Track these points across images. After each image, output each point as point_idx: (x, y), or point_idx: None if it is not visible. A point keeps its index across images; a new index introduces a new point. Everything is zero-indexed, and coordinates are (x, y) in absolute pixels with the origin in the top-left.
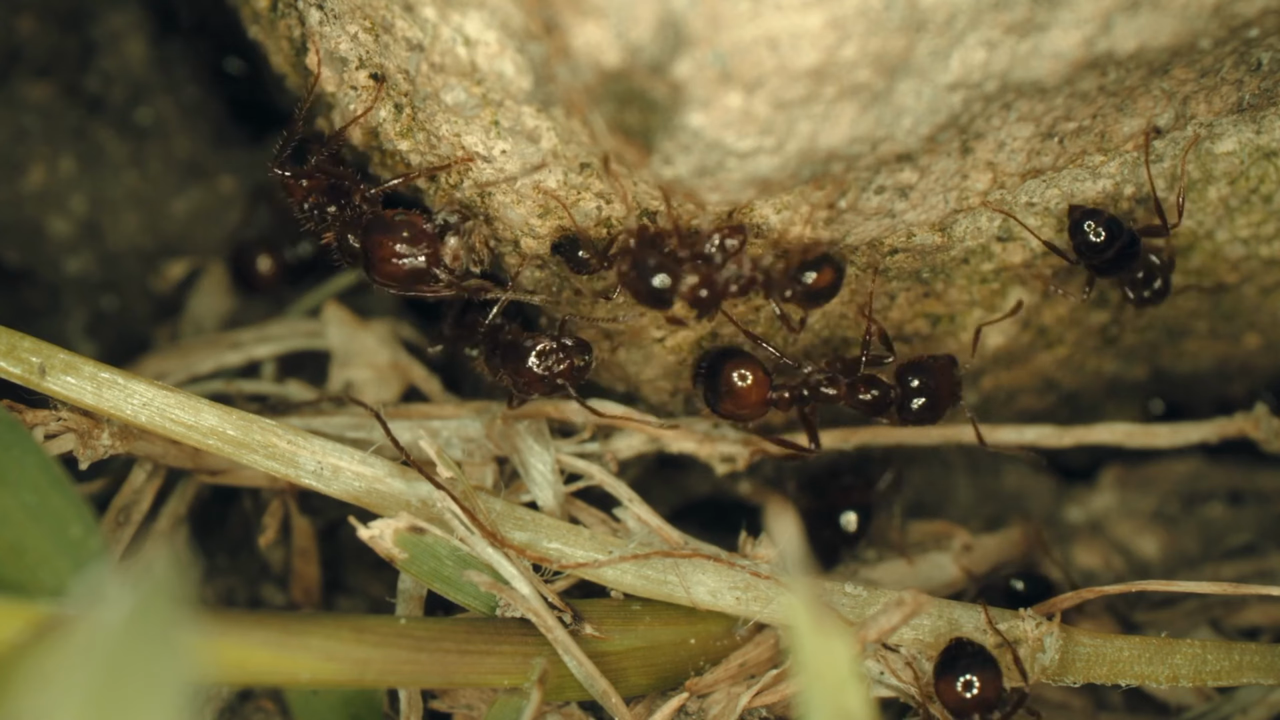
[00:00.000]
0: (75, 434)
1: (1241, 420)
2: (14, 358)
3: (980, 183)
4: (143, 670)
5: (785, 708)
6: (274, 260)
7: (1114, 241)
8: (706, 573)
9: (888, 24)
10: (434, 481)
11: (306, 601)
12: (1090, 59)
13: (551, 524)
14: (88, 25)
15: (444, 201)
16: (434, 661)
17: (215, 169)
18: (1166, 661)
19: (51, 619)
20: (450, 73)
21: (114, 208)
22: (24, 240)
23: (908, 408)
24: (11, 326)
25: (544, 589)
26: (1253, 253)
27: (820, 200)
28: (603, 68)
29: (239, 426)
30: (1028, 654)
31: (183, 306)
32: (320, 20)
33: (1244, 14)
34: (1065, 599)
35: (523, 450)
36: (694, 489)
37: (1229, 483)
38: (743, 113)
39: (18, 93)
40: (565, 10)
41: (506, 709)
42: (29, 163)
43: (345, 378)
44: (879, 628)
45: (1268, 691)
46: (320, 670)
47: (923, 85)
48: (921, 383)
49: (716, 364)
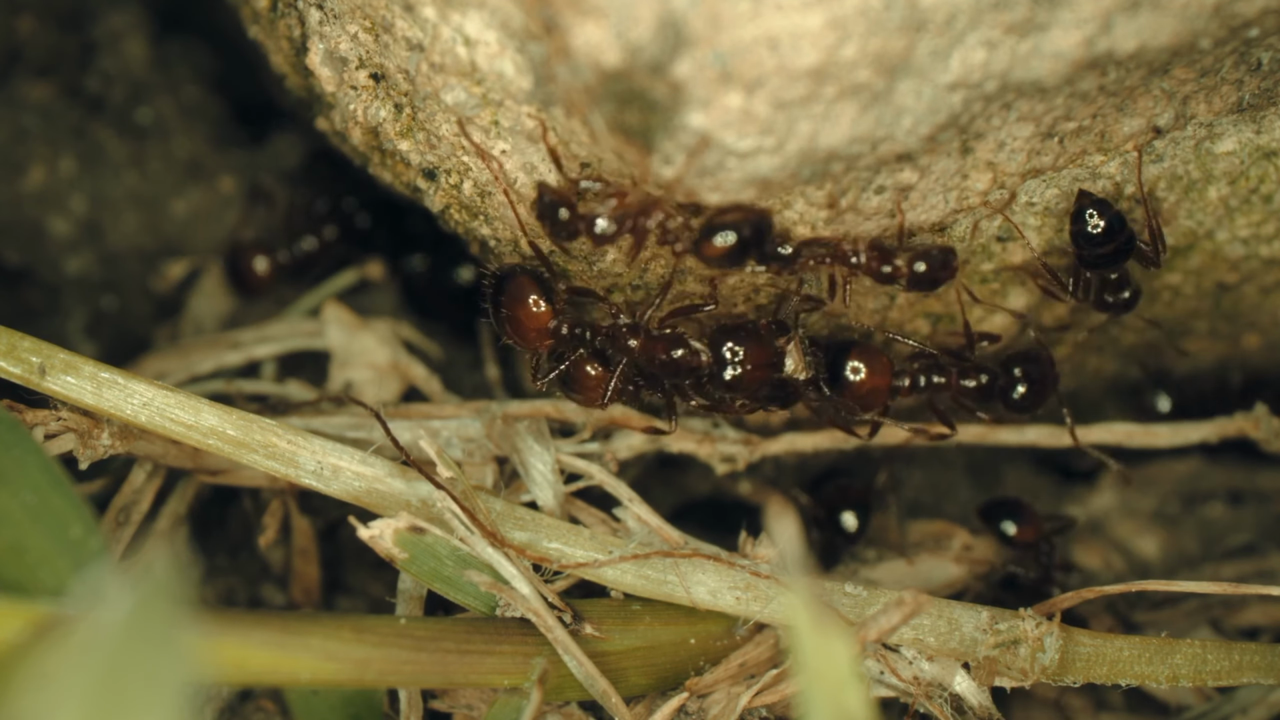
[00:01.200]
0: (75, 434)
1: (1241, 420)
2: (14, 358)
3: (980, 183)
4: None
5: (785, 708)
6: (270, 261)
7: (1112, 238)
8: (706, 573)
9: (888, 24)
10: (434, 481)
11: (306, 601)
12: (1090, 59)
13: (551, 524)
14: (88, 25)
15: (445, 201)
16: (434, 661)
17: (215, 169)
18: (1166, 661)
19: (51, 619)
20: (450, 72)
21: (114, 208)
22: (24, 240)
23: (1010, 396)
24: (11, 326)
25: (544, 589)
26: (1253, 252)
27: (821, 199)
28: (603, 68)
29: (239, 426)
30: (1028, 654)
31: (183, 306)
32: (320, 20)
33: (1244, 14)
34: (1065, 599)
35: (523, 450)
36: (694, 489)
37: (1229, 483)
38: (743, 113)
39: (18, 93)
40: (565, 10)
41: (506, 709)
42: (29, 163)
43: (345, 378)
44: (879, 628)
45: (1268, 691)
46: (320, 670)
47: (923, 85)
48: (1025, 371)
49: (838, 356)
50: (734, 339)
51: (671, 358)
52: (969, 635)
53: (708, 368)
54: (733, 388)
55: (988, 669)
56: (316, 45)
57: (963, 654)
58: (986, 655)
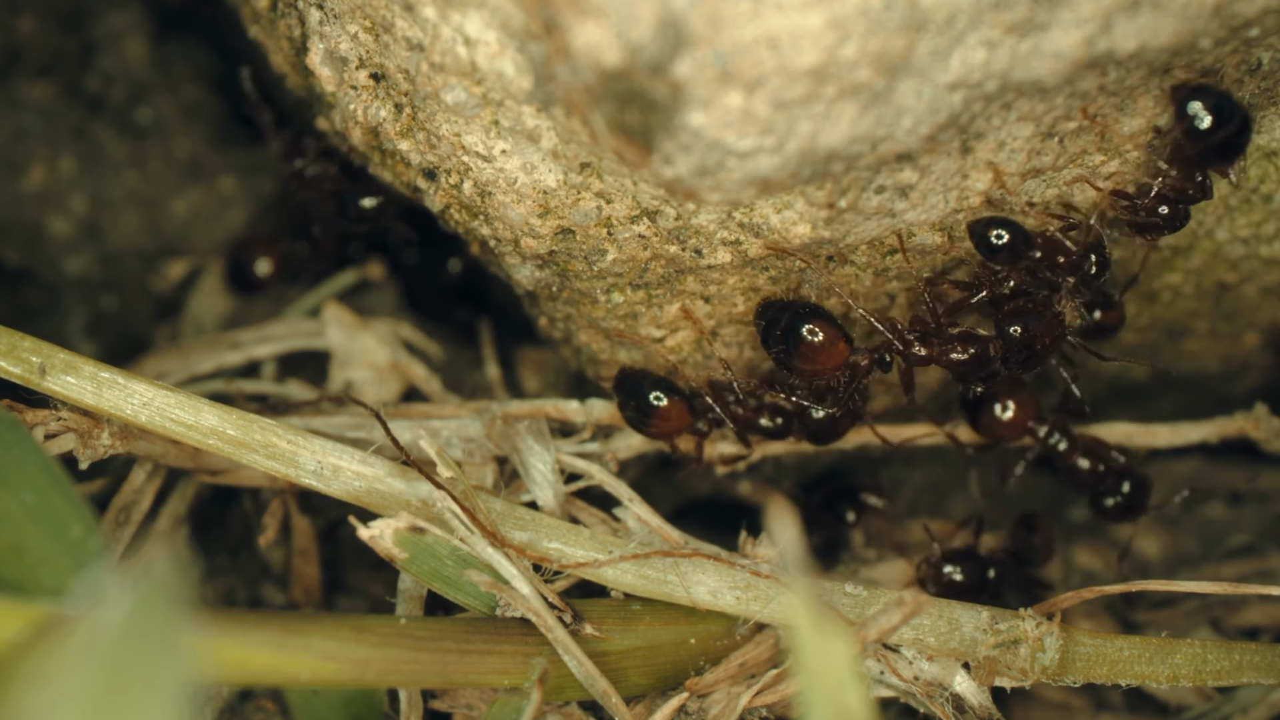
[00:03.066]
0: (75, 434)
1: (1241, 420)
2: (14, 358)
3: (981, 182)
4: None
5: (785, 707)
6: (272, 261)
7: (1225, 120)
8: (706, 572)
9: (888, 24)
10: (434, 481)
11: (306, 601)
12: (1090, 59)
13: (551, 524)
14: (88, 25)
15: (445, 201)
16: (434, 661)
17: (215, 169)
18: (1166, 661)
19: (51, 619)
20: (450, 72)
21: (114, 208)
22: (24, 240)
23: (1011, 360)
24: (11, 326)
25: (544, 589)
26: (1253, 252)
27: (821, 199)
28: (603, 67)
29: (239, 426)
30: (1028, 654)
31: (183, 306)
32: (320, 20)
33: (1244, 14)
34: (1065, 599)
35: (523, 450)
36: (694, 489)
37: (1229, 483)
38: (743, 112)
39: (18, 93)
40: (565, 10)
41: (506, 709)
42: (29, 163)
43: (345, 378)
44: (879, 627)
45: (1268, 691)
46: (320, 670)
47: (923, 85)
48: (1024, 330)
49: (794, 321)
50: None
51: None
52: (969, 635)
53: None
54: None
55: (988, 669)
56: (317, 45)
57: (963, 654)
58: (986, 655)
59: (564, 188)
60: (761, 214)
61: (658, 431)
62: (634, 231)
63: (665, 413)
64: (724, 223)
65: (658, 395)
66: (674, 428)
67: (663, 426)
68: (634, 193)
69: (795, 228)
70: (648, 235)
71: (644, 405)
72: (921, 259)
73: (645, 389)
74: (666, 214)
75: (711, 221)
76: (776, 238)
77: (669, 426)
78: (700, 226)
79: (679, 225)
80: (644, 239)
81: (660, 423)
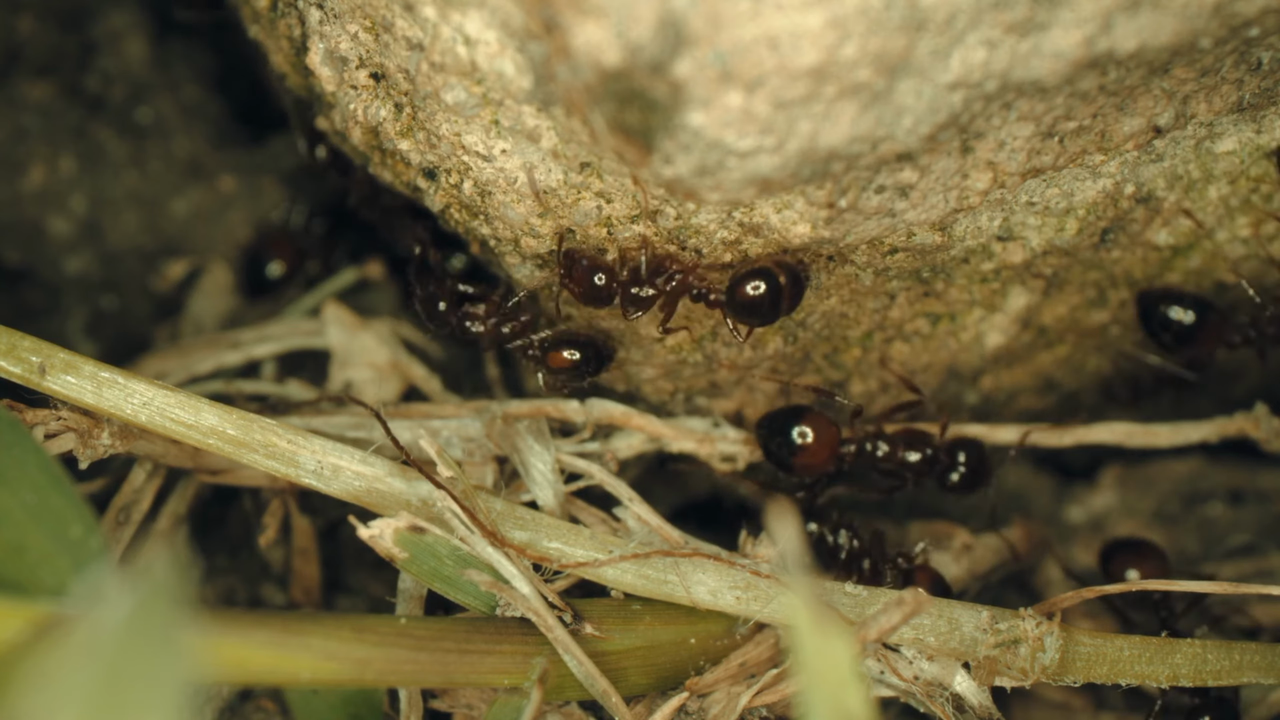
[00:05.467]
0: (75, 433)
1: (1241, 420)
2: (14, 357)
3: (981, 182)
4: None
5: (785, 707)
6: (285, 262)
7: None
8: (707, 572)
9: (888, 23)
10: (434, 481)
11: (306, 601)
12: (1090, 58)
13: (551, 523)
14: (88, 25)
15: (445, 201)
16: (434, 661)
17: (215, 169)
18: (1166, 661)
19: (51, 619)
20: (450, 72)
21: (114, 208)
22: (24, 240)
23: (949, 478)
24: (11, 326)
25: (544, 588)
26: (1253, 252)
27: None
28: (603, 67)
29: (239, 426)
30: (1028, 653)
31: (183, 306)
32: (320, 19)
33: (1244, 13)
34: (1065, 599)
35: (523, 450)
36: (694, 489)
37: (1229, 483)
38: (743, 112)
39: (18, 93)
40: (565, 9)
41: (506, 709)
42: (29, 163)
43: (345, 377)
44: (879, 627)
45: (1268, 691)
46: (320, 670)
47: (923, 85)
48: (968, 455)
49: (786, 423)
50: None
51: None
52: (969, 635)
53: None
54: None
55: (988, 669)
56: (317, 45)
57: (963, 654)
58: (987, 655)
59: (564, 187)
60: (761, 213)
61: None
62: (634, 231)
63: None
64: (724, 222)
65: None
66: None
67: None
68: (634, 192)
69: (795, 227)
70: (648, 235)
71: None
72: (922, 259)
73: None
74: (666, 213)
75: (711, 221)
76: (777, 237)
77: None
78: (700, 226)
79: (679, 225)
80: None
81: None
